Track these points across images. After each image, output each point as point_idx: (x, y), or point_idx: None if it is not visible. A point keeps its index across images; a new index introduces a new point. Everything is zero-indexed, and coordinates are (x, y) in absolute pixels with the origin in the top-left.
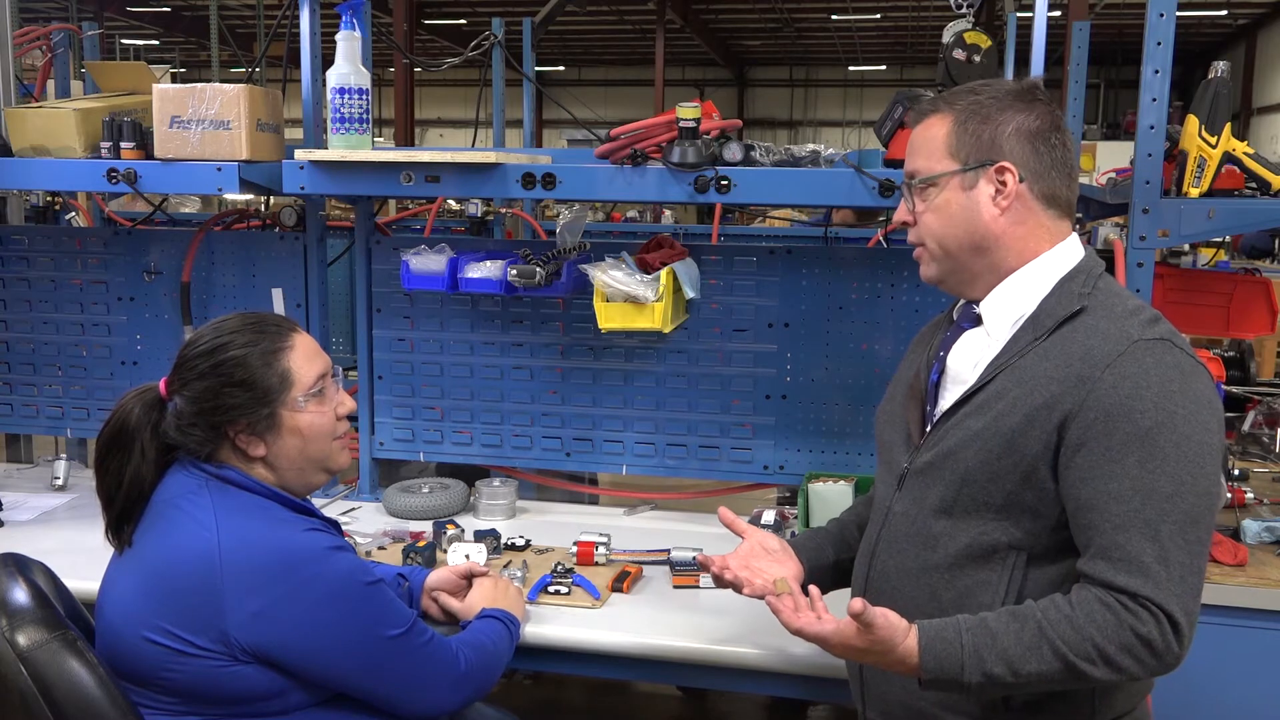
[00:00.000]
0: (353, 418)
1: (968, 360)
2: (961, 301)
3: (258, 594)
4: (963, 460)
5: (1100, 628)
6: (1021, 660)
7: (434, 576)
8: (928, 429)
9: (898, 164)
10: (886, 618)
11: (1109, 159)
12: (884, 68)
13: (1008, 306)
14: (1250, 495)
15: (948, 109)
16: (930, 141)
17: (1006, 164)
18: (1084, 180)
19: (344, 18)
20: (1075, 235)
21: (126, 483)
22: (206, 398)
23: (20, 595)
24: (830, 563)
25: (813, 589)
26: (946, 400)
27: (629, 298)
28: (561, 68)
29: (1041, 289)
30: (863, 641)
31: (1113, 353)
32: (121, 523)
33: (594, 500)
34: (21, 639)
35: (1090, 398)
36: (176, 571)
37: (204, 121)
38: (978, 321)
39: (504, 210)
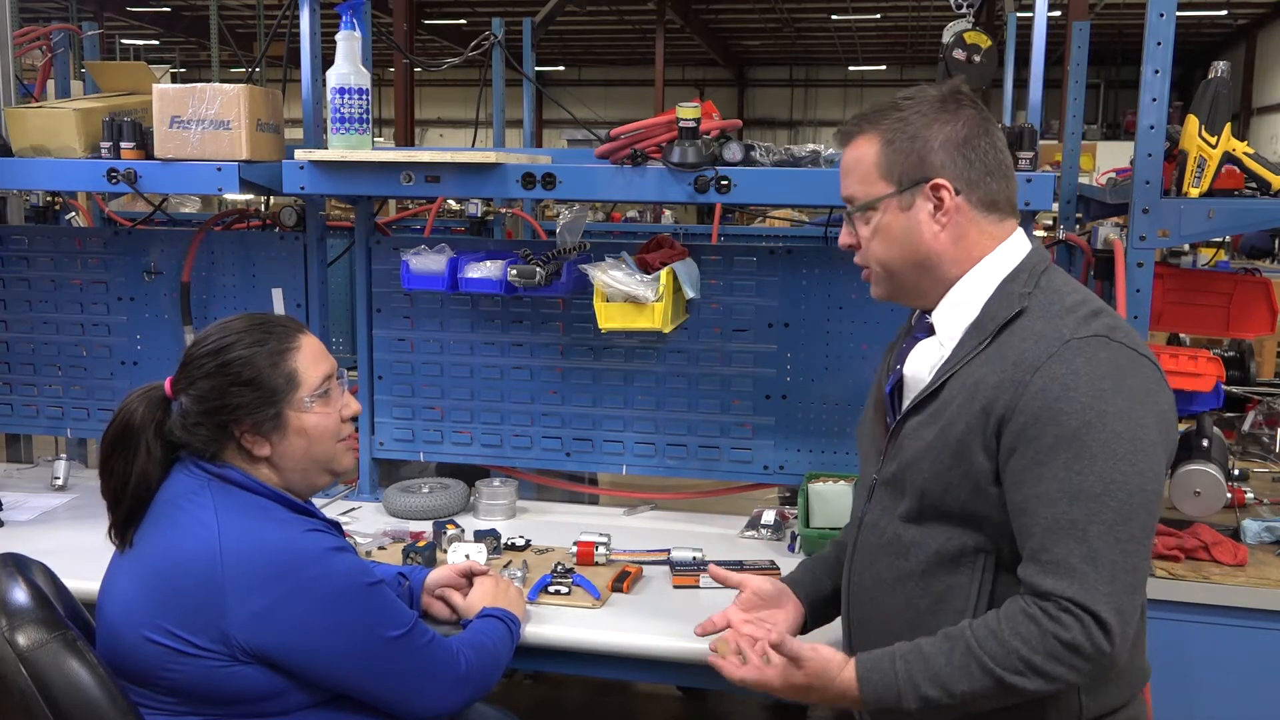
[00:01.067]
0: (354, 418)
1: (923, 368)
2: (918, 310)
3: (258, 594)
4: (919, 473)
5: (1025, 639)
6: (954, 680)
7: (434, 575)
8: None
9: None
10: (816, 651)
11: (1109, 159)
12: (884, 68)
13: (956, 313)
14: (1250, 495)
15: (872, 129)
16: (860, 163)
17: (940, 180)
18: (1084, 180)
19: (344, 18)
20: (1019, 231)
21: (133, 482)
22: (213, 397)
23: (20, 595)
24: (828, 592)
25: (760, 643)
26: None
27: (629, 298)
28: (561, 68)
29: (984, 292)
30: (800, 678)
31: (1043, 355)
32: (127, 523)
33: (594, 500)
34: (21, 639)
35: (1020, 402)
36: (177, 571)
37: (204, 121)
38: (932, 330)
39: (504, 210)
